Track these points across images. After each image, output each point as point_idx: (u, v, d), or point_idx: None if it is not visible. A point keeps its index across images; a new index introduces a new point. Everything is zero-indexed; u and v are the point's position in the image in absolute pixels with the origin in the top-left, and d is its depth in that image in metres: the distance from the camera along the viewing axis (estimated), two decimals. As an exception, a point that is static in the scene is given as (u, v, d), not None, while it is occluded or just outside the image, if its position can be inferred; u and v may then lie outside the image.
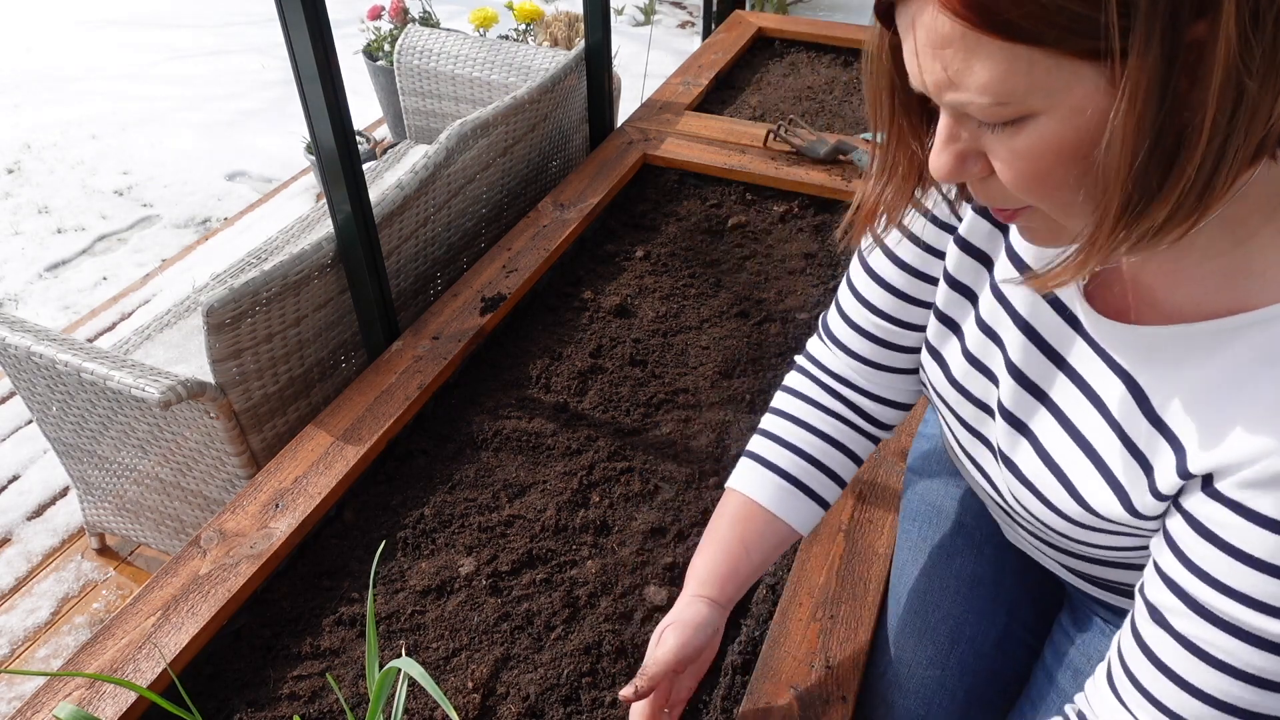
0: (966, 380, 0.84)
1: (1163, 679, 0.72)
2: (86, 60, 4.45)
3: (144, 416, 1.57)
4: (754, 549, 0.95)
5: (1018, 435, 0.80)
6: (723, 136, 1.97)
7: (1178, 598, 0.70)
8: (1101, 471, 0.74)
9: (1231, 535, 0.65)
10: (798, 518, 0.97)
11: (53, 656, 1.85)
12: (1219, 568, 0.66)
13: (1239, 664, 0.67)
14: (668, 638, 0.91)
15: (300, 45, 1.21)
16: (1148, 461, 0.70)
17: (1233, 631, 0.67)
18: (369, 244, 1.44)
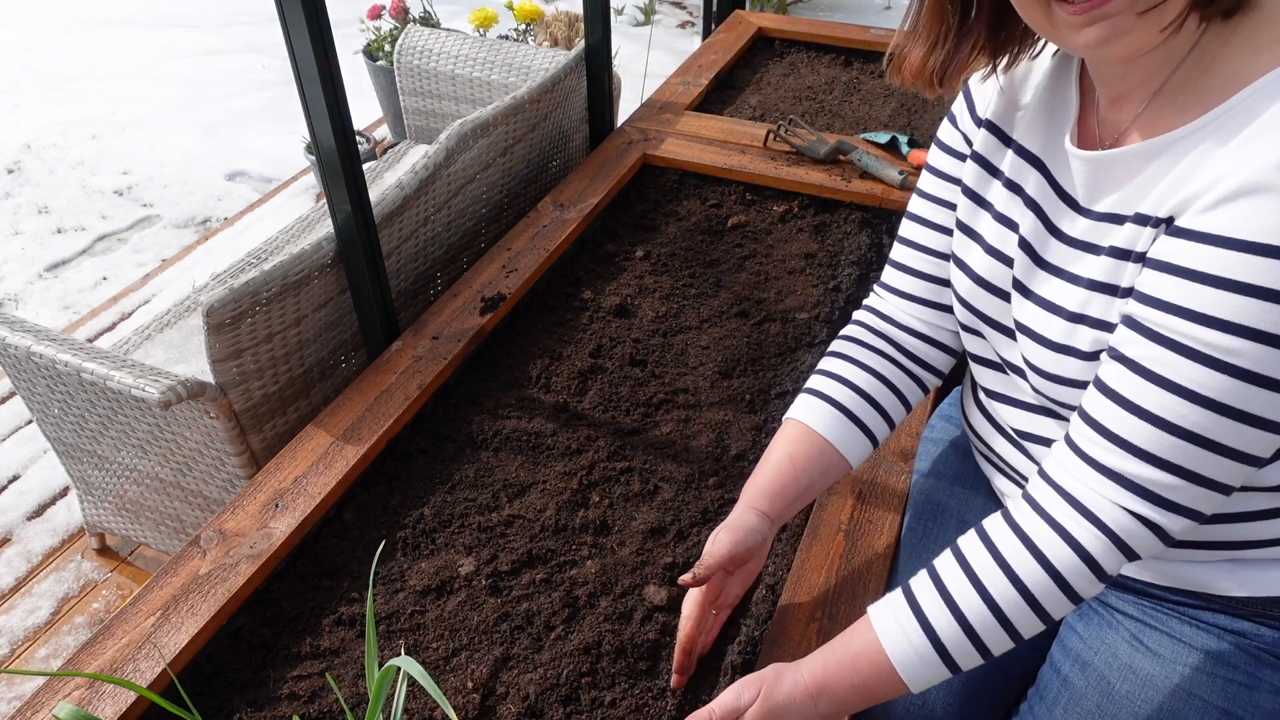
0: (990, 274, 0.97)
1: (1118, 409, 0.79)
2: (86, 60, 4.45)
3: (144, 416, 1.57)
4: (803, 470, 1.04)
5: (1026, 301, 0.92)
6: (723, 136, 1.97)
7: (1132, 329, 0.78)
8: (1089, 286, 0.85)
9: (1187, 259, 0.74)
10: (848, 447, 1.06)
11: (53, 656, 1.85)
12: (1171, 290, 0.75)
13: (1188, 383, 0.74)
14: (722, 538, 1.00)
15: (300, 45, 1.21)
16: (1127, 251, 0.82)
17: (1182, 350, 0.74)
18: (369, 244, 1.44)
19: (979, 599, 0.83)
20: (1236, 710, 0.94)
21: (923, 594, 0.86)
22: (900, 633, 0.85)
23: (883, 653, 0.85)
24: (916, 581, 0.87)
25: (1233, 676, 0.95)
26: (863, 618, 0.90)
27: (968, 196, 1.02)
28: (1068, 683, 1.01)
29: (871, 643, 0.87)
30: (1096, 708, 0.98)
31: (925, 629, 0.84)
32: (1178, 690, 0.95)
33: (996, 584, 0.82)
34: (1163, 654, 0.98)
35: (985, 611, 0.82)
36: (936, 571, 0.86)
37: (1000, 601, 0.82)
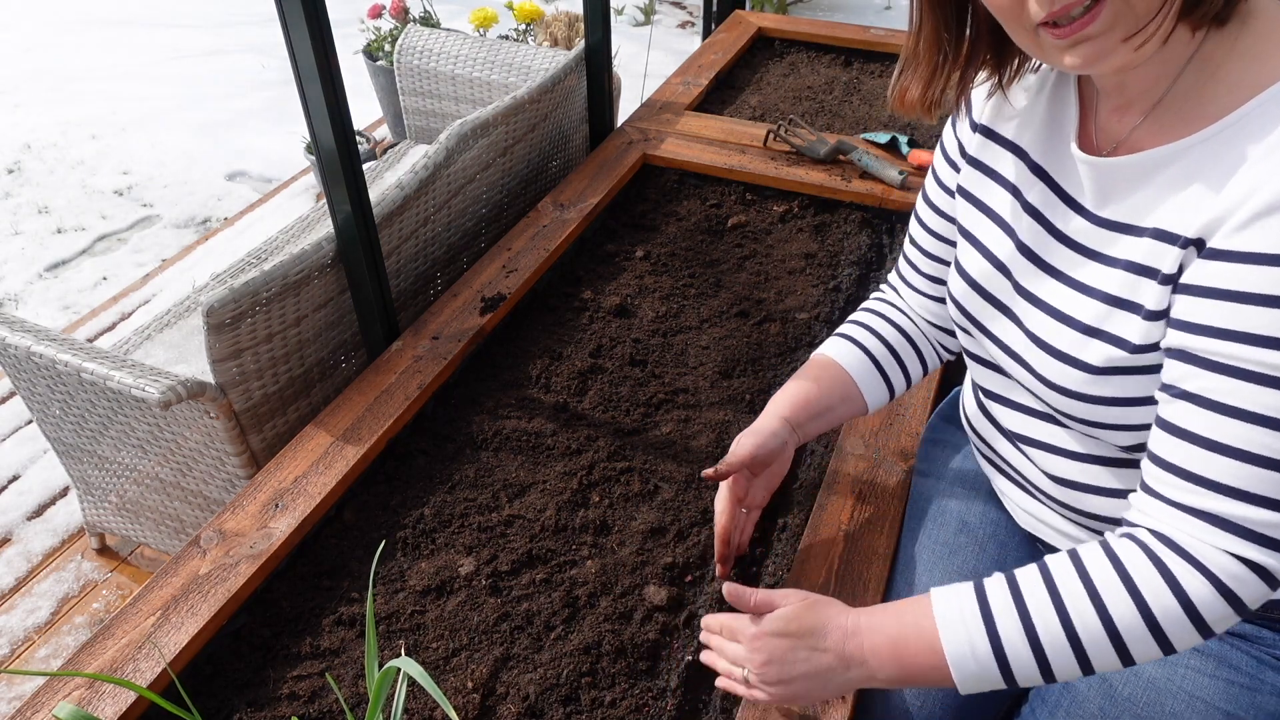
0: (983, 277, 0.98)
1: (1189, 447, 0.76)
2: (86, 60, 4.45)
3: (144, 416, 1.57)
4: (826, 391, 1.11)
5: (1029, 305, 0.92)
6: (723, 136, 1.97)
7: (1187, 363, 0.76)
8: (1105, 300, 0.84)
9: (1228, 281, 0.73)
10: (867, 387, 1.12)
11: (53, 656, 1.85)
12: (1219, 315, 0.73)
13: (1259, 408, 0.72)
14: (744, 441, 1.08)
15: (300, 45, 1.21)
16: (1148, 268, 0.81)
17: (1243, 375, 0.72)
18: (369, 244, 1.44)
19: (1058, 622, 0.77)
20: (1238, 712, 0.94)
21: (995, 598, 0.81)
22: (962, 629, 0.81)
23: (937, 643, 0.82)
24: (991, 584, 0.82)
25: (1234, 679, 0.95)
26: (921, 598, 0.85)
27: (966, 199, 1.02)
28: (1070, 686, 1.01)
29: (927, 630, 0.83)
30: (1099, 710, 0.98)
31: (990, 634, 0.80)
32: (1180, 693, 0.95)
33: (1082, 613, 0.77)
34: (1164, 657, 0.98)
35: (1062, 637, 0.77)
36: (1016, 581, 0.81)
37: (1081, 632, 0.77)
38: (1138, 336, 0.82)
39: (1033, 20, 0.75)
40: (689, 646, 1.08)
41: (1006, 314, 0.96)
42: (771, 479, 1.14)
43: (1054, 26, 0.75)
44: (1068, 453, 0.96)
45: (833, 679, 0.87)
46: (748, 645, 0.91)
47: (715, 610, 1.11)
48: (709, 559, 1.18)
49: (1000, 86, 0.93)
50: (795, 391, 1.11)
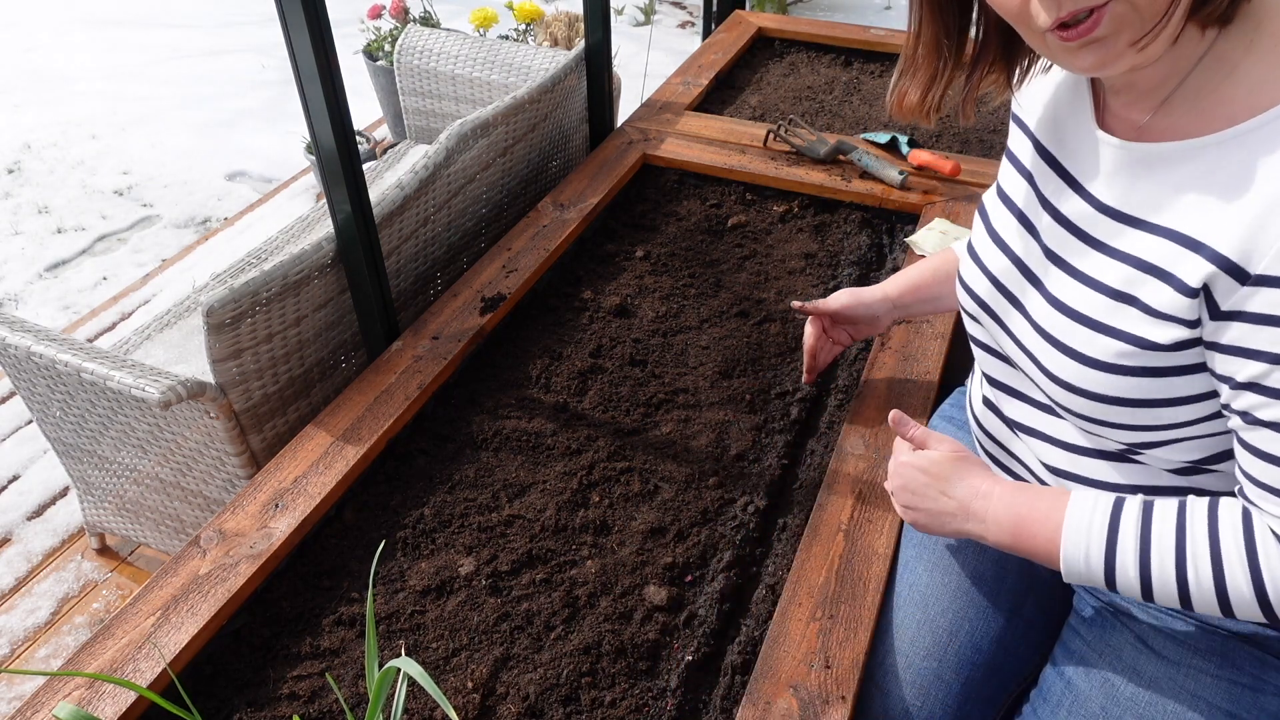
0: (996, 268, 1.00)
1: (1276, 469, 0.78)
2: (86, 60, 4.45)
3: (144, 416, 1.57)
4: (940, 280, 1.25)
5: (1037, 295, 0.94)
6: (723, 136, 1.97)
7: (1258, 394, 0.77)
8: (1107, 294, 0.85)
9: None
10: None
11: (53, 656, 1.85)
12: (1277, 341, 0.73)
13: None
14: (842, 295, 1.29)
15: (300, 45, 1.21)
16: (1158, 269, 0.81)
17: None
18: (369, 244, 1.44)
19: (1173, 567, 0.82)
20: (1241, 712, 0.94)
21: (1127, 520, 0.85)
22: (1085, 537, 0.86)
23: (1057, 538, 0.88)
24: (1129, 506, 0.86)
25: (1237, 678, 0.95)
26: (1060, 491, 0.92)
27: (997, 189, 1.03)
28: (1071, 685, 1.01)
29: (1053, 524, 0.89)
30: (1101, 710, 0.98)
31: (1109, 552, 0.85)
32: (1182, 692, 0.96)
33: (1199, 569, 0.81)
34: (1167, 656, 0.98)
35: (1172, 582, 0.82)
36: (1150, 513, 0.85)
37: (1193, 584, 0.82)
38: (1144, 333, 0.82)
39: (1039, 25, 0.75)
40: (689, 646, 1.08)
41: (1015, 305, 0.97)
42: (858, 331, 1.34)
43: (1062, 29, 0.75)
44: (1069, 446, 0.97)
45: (949, 522, 0.98)
46: (894, 467, 1.03)
47: (715, 610, 1.11)
48: (709, 559, 1.18)
49: (1010, 86, 0.94)
50: (912, 274, 1.28)
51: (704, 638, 1.09)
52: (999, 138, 2.02)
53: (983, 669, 1.07)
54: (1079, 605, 1.09)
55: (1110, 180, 0.86)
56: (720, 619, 1.11)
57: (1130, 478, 0.94)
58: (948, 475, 0.98)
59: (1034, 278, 0.94)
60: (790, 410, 1.38)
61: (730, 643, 1.09)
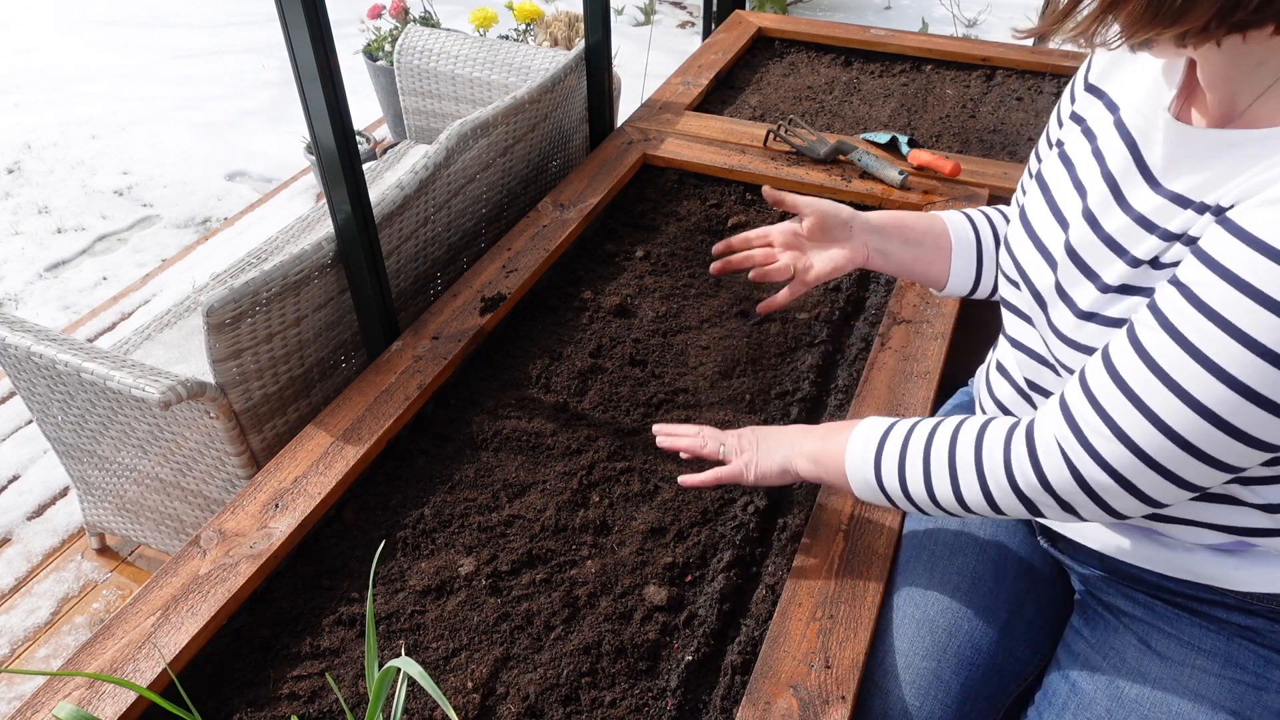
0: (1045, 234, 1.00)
1: (1113, 387, 0.81)
2: (86, 60, 4.45)
3: (144, 416, 1.57)
4: (922, 229, 1.23)
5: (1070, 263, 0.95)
6: (723, 136, 1.97)
7: (1153, 314, 0.79)
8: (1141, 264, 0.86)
9: (1218, 251, 0.74)
10: (958, 251, 1.22)
11: (53, 656, 1.85)
12: (1198, 280, 0.75)
13: (1190, 386, 0.75)
14: (822, 200, 1.22)
15: (300, 45, 1.21)
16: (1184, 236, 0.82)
17: (1194, 354, 0.75)
18: (369, 244, 1.44)
19: (922, 485, 0.97)
20: (1244, 711, 0.94)
21: (889, 448, 1.00)
22: (860, 462, 1.02)
23: (843, 467, 1.04)
24: (894, 431, 1.01)
25: (1240, 678, 0.95)
26: (848, 426, 1.06)
27: (1058, 155, 1.02)
28: (1076, 688, 1.01)
29: (838, 454, 1.04)
30: (1106, 712, 0.98)
31: (876, 473, 1.01)
32: (1186, 692, 0.96)
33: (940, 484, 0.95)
34: (1171, 657, 0.98)
35: (925, 493, 0.97)
36: (909, 439, 0.99)
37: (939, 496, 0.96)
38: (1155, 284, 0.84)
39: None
40: (689, 646, 1.08)
41: (1051, 265, 0.97)
42: (826, 266, 1.22)
43: None
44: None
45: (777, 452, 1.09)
46: (731, 433, 1.13)
47: (715, 610, 1.11)
48: (709, 559, 1.18)
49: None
50: (896, 213, 1.26)
51: (704, 638, 1.09)
52: (999, 138, 2.02)
53: (982, 669, 1.07)
54: (1080, 606, 1.09)
55: (1178, 164, 0.85)
56: (720, 619, 1.11)
57: None
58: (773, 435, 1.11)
59: (1071, 250, 0.94)
60: (790, 410, 1.38)
61: (730, 643, 1.09)
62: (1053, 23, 0.76)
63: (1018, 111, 2.13)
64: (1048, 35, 0.77)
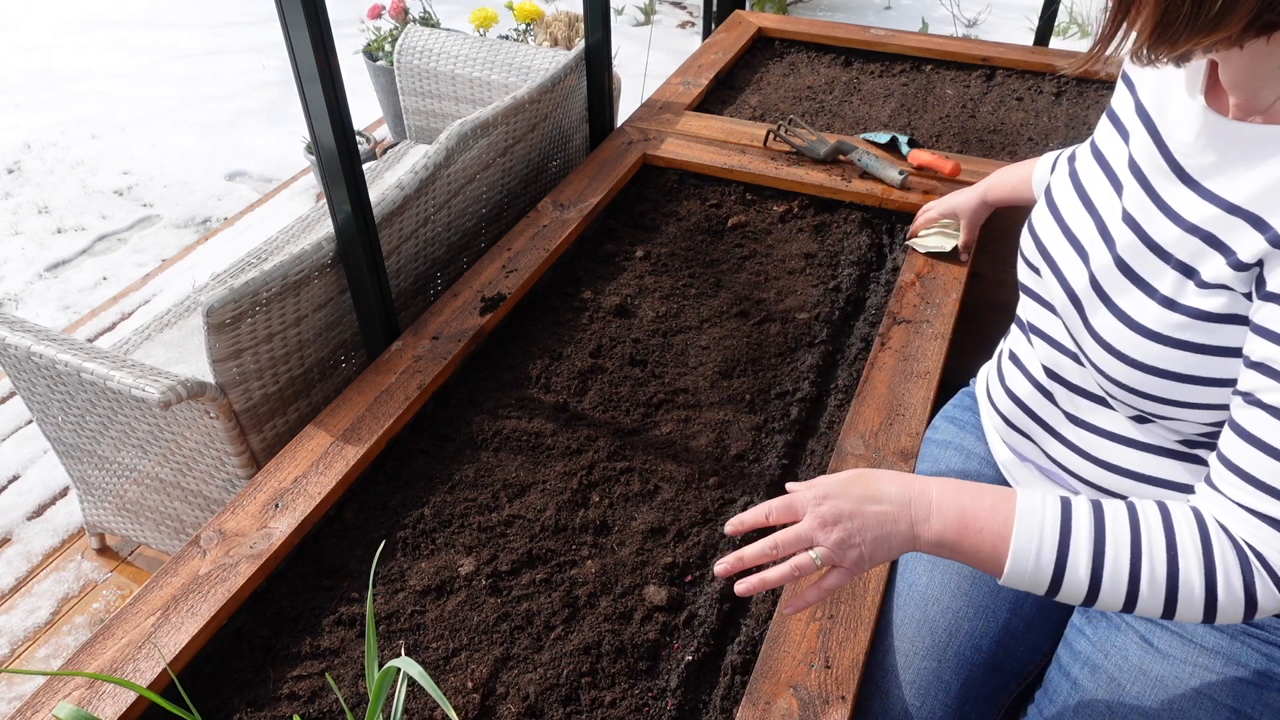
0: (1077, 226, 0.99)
1: (1258, 454, 0.77)
2: (86, 60, 4.45)
3: (144, 416, 1.57)
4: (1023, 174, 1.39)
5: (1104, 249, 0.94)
6: (723, 136, 1.97)
7: (1266, 375, 0.76)
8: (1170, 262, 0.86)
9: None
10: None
11: (53, 656, 1.85)
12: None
13: None
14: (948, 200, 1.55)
15: (300, 45, 1.21)
16: (1221, 243, 0.81)
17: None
18: (369, 244, 1.44)
19: (1128, 562, 0.79)
20: (1246, 709, 0.94)
21: (1079, 514, 0.82)
22: (1038, 529, 0.81)
23: (1008, 531, 0.82)
24: (1079, 501, 0.83)
25: (1242, 675, 0.95)
26: (1004, 489, 0.86)
27: (1091, 147, 1.03)
28: (1077, 685, 1.01)
29: (1002, 514, 0.83)
30: (1107, 709, 0.98)
31: (1061, 545, 0.81)
32: (1188, 690, 0.96)
33: (1153, 565, 0.79)
34: (1173, 654, 0.98)
35: (1124, 577, 0.79)
36: (1102, 508, 0.82)
37: (1145, 581, 0.79)
38: (1192, 303, 0.83)
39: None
40: (689, 646, 1.08)
41: (1080, 254, 0.97)
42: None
43: None
44: (1090, 394, 0.98)
45: (891, 531, 0.85)
46: (811, 513, 0.86)
47: (715, 610, 1.11)
48: (709, 559, 1.18)
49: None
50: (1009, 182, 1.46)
51: (704, 638, 1.09)
52: (998, 138, 2.02)
53: (982, 669, 1.07)
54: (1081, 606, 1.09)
55: (1205, 154, 0.85)
56: (720, 619, 1.11)
57: (1148, 437, 0.95)
58: (868, 479, 0.88)
59: (1105, 231, 0.94)
60: (790, 410, 1.38)
61: (730, 643, 1.09)
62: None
63: (1018, 111, 2.13)
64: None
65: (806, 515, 0.86)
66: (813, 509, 0.86)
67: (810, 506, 0.86)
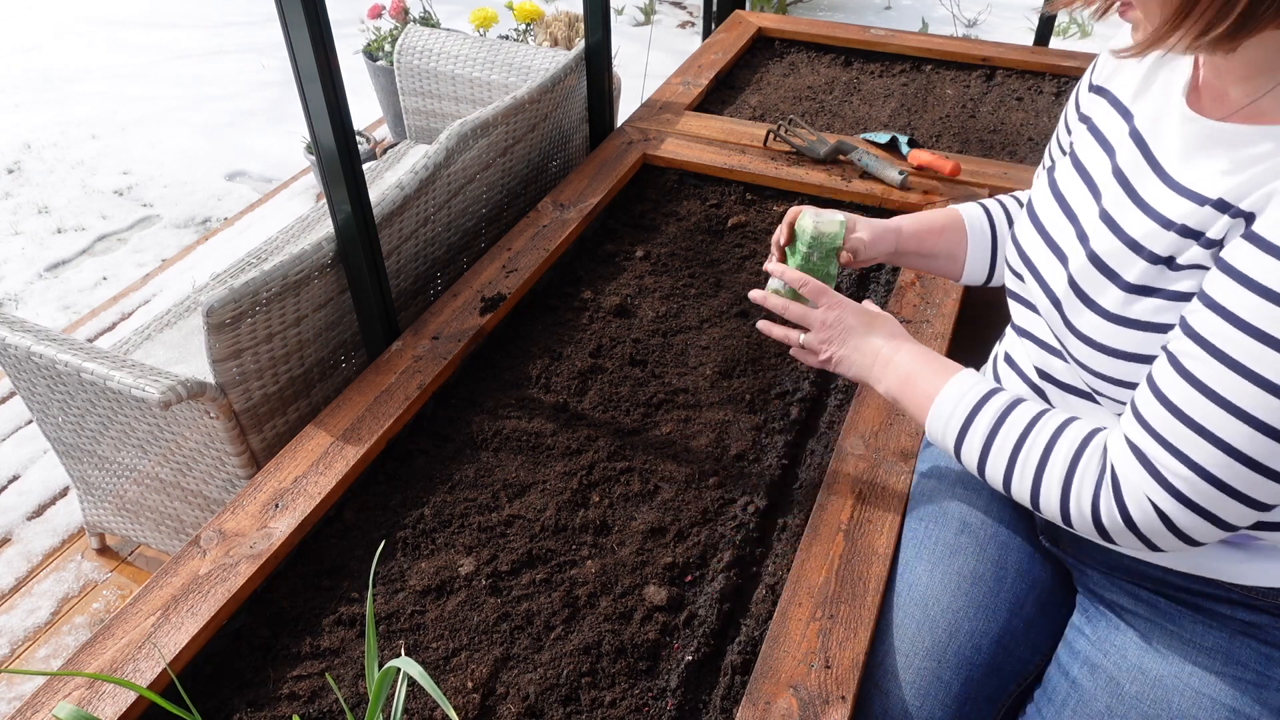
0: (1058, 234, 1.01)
1: (1151, 397, 0.83)
2: (86, 60, 4.45)
3: (144, 416, 1.57)
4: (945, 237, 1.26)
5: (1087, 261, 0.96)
6: (723, 136, 1.97)
7: (1196, 343, 0.80)
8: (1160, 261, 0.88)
9: (1251, 268, 0.75)
10: (974, 241, 1.25)
11: (53, 656, 1.85)
12: (1232, 298, 0.76)
13: (1217, 385, 0.77)
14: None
15: (300, 45, 1.21)
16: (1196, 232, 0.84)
17: (1243, 372, 0.76)
18: (369, 244, 1.44)
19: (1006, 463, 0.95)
20: (1245, 708, 0.94)
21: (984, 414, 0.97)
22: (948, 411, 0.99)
23: (926, 408, 1.02)
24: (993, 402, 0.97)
25: (1241, 675, 0.95)
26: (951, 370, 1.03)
27: (1070, 158, 1.04)
28: (1076, 685, 1.01)
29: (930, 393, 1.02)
30: (1106, 709, 0.98)
31: (961, 433, 0.98)
32: (1187, 689, 0.96)
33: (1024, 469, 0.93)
34: (1172, 654, 0.98)
35: (1002, 470, 0.95)
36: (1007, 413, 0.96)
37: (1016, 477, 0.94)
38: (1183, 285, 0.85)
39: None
40: (689, 646, 1.08)
41: (1060, 258, 0.98)
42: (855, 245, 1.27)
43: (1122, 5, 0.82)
44: (1080, 392, 0.99)
45: (859, 368, 1.09)
46: (822, 314, 1.10)
47: (715, 610, 1.11)
48: (709, 559, 1.18)
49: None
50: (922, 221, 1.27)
51: (704, 638, 1.09)
52: (998, 138, 2.02)
53: (982, 669, 1.07)
54: (1082, 605, 1.09)
55: (1197, 159, 0.87)
56: (720, 619, 1.11)
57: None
58: (871, 325, 1.09)
59: (1085, 237, 0.95)
60: (790, 410, 1.38)
61: (730, 643, 1.09)
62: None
63: (1018, 111, 2.13)
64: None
65: (820, 312, 1.11)
66: (824, 312, 1.11)
67: (823, 311, 1.11)
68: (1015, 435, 0.94)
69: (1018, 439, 0.94)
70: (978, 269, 1.27)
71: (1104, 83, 1.03)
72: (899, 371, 1.05)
